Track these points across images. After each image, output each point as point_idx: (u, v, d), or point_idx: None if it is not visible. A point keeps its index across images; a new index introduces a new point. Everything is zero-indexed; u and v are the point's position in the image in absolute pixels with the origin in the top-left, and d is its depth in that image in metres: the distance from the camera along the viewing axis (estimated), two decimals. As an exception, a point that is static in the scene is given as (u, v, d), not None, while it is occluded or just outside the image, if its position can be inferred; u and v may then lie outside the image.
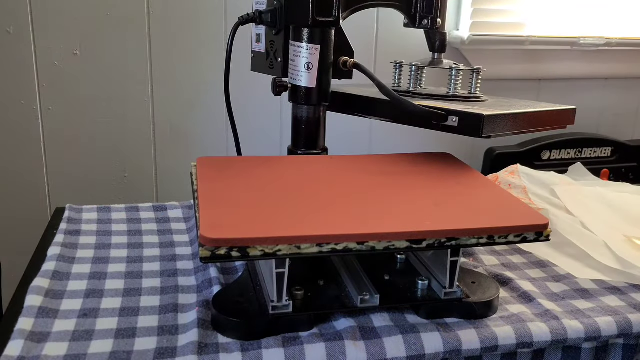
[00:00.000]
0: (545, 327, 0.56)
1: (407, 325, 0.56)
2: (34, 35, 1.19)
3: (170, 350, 0.51)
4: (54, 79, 1.22)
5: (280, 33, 0.82)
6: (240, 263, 0.67)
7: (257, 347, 0.52)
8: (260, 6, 0.83)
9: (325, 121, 0.83)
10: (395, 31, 1.37)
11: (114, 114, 1.27)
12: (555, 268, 0.71)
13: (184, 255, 0.70)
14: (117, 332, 0.54)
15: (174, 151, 1.30)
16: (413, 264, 0.65)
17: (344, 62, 0.84)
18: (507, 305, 0.61)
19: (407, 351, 0.53)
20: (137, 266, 0.66)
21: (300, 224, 0.51)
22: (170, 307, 0.58)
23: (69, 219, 0.78)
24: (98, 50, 1.23)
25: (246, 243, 0.48)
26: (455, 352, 0.54)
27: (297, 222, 0.51)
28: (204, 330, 0.54)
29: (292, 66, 0.80)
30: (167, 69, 1.28)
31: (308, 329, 0.55)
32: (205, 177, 0.63)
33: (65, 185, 1.28)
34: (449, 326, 0.56)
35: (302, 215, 0.53)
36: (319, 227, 0.50)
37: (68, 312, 0.56)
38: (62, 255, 0.67)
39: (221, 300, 0.56)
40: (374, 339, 0.53)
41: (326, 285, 0.59)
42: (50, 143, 1.25)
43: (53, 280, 0.61)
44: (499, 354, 0.56)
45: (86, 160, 1.27)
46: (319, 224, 0.51)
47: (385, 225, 0.52)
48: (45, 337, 0.52)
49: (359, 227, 0.51)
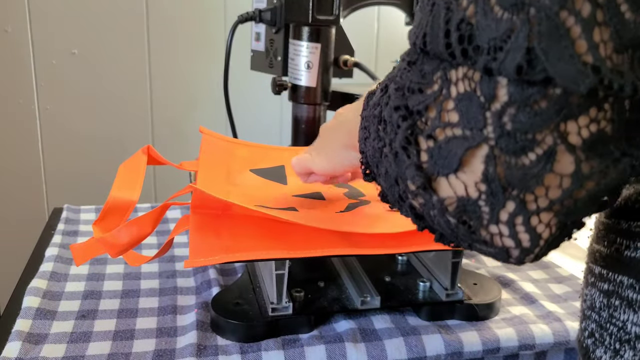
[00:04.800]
0: (547, 329, 0.56)
1: (408, 327, 0.55)
2: (32, 34, 1.18)
3: (169, 352, 0.51)
4: (52, 78, 1.22)
5: (280, 31, 0.82)
6: (240, 264, 0.67)
7: (257, 349, 0.51)
8: (259, 4, 0.82)
9: (325, 120, 0.82)
10: (396, 29, 1.36)
11: (112, 113, 1.27)
12: (557, 269, 0.71)
13: (183, 256, 0.70)
14: (115, 333, 0.53)
15: (172, 151, 1.29)
16: (414, 265, 0.64)
17: (345, 60, 0.83)
18: (509, 307, 0.60)
19: (408, 353, 0.52)
20: (135, 267, 0.66)
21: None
22: (169, 308, 0.58)
23: (67, 219, 0.78)
24: (96, 49, 1.22)
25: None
26: (457, 354, 0.53)
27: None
28: (202, 332, 0.53)
29: (292, 65, 0.80)
30: (165, 68, 1.27)
31: (308, 330, 0.54)
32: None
33: (63, 185, 1.27)
34: (450, 328, 0.56)
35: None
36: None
37: (66, 314, 0.56)
38: (59, 256, 0.66)
39: (220, 301, 0.56)
40: (375, 340, 0.53)
41: (326, 286, 0.59)
42: (48, 142, 1.25)
43: (51, 281, 0.61)
44: (501, 356, 0.56)
45: (84, 160, 1.27)
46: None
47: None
48: (43, 339, 0.52)
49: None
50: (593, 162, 0.25)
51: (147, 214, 0.55)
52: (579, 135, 0.25)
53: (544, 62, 0.23)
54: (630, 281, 0.32)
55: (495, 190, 0.26)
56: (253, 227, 0.54)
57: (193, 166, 0.67)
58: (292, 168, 0.56)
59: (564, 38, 0.23)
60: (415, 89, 0.29)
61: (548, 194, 0.26)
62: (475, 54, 0.25)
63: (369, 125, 0.34)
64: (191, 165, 0.68)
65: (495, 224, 0.27)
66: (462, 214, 0.28)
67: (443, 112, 0.27)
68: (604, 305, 0.34)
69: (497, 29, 0.24)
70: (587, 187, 0.26)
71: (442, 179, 0.28)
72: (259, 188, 0.62)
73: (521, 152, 0.25)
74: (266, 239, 0.51)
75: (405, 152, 0.29)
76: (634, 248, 0.33)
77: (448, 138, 0.27)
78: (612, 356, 0.33)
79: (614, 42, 0.23)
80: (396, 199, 0.32)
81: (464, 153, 0.26)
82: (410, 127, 0.29)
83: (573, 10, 0.23)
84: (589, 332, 0.36)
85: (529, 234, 0.27)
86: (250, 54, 0.91)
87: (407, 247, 0.52)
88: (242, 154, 0.69)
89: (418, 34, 0.29)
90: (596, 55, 0.23)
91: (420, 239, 0.52)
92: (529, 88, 0.24)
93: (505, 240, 0.27)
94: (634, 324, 0.32)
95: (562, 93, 0.24)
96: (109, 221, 0.58)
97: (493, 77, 0.25)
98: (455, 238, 0.30)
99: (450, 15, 0.26)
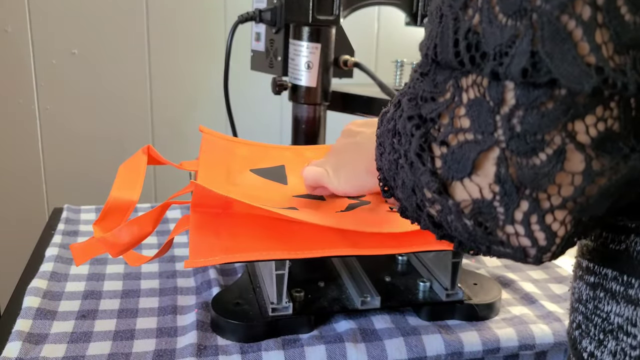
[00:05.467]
0: (547, 329, 0.56)
1: (409, 327, 0.55)
2: (32, 34, 1.18)
3: (169, 352, 0.51)
4: (52, 78, 1.22)
5: (280, 31, 0.82)
6: (240, 264, 0.67)
7: (257, 350, 0.51)
8: (259, 4, 0.82)
9: (325, 121, 0.82)
10: (397, 29, 1.37)
11: (112, 113, 1.27)
12: (557, 269, 0.71)
13: (183, 256, 0.70)
14: (115, 333, 0.53)
15: (172, 151, 1.29)
16: (414, 265, 0.64)
17: (345, 61, 0.83)
18: (509, 307, 0.60)
19: (408, 353, 0.52)
20: (135, 267, 0.66)
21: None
22: (169, 308, 0.58)
23: (67, 219, 0.78)
24: (96, 49, 1.22)
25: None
26: (457, 354, 0.53)
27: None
28: (203, 332, 0.53)
29: (292, 65, 0.80)
30: (165, 68, 1.27)
31: (308, 331, 0.54)
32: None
33: (63, 185, 1.27)
34: (450, 328, 0.56)
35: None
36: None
37: (66, 314, 0.56)
38: (59, 256, 0.66)
39: (220, 301, 0.56)
40: (375, 341, 0.53)
41: (326, 286, 0.59)
42: (48, 142, 1.25)
43: (51, 281, 0.61)
44: (501, 356, 0.56)
45: (84, 160, 1.27)
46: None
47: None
48: (43, 339, 0.52)
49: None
50: (603, 159, 0.26)
51: (147, 213, 0.55)
52: (587, 134, 0.25)
53: (548, 65, 0.24)
54: (614, 273, 0.33)
55: (508, 190, 0.27)
56: (253, 227, 0.54)
57: (193, 166, 0.67)
58: (293, 168, 0.56)
59: (566, 41, 0.24)
60: (428, 98, 0.30)
61: (561, 192, 0.26)
62: (483, 61, 0.26)
63: (384, 141, 0.35)
64: (191, 165, 0.68)
65: (511, 224, 0.28)
66: (478, 216, 0.28)
67: (455, 118, 0.28)
68: (590, 297, 0.35)
69: (502, 36, 0.25)
70: (599, 184, 0.26)
71: (456, 183, 0.29)
72: (259, 188, 0.62)
73: (532, 152, 0.26)
74: (266, 239, 0.51)
75: (420, 160, 0.30)
76: (618, 242, 0.33)
77: (460, 143, 0.28)
78: (596, 346, 0.34)
79: (614, 43, 0.23)
80: (414, 209, 0.33)
81: (476, 157, 0.27)
82: (424, 135, 0.30)
83: (574, 14, 0.23)
84: (577, 324, 0.37)
85: (545, 233, 0.27)
86: (250, 54, 0.91)
87: (407, 247, 0.52)
88: (242, 153, 0.69)
89: (429, 45, 0.29)
90: (599, 56, 0.23)
91: (420, 239, 0.52)
92: (535, 90, 0.25)
93: (522, 239, 0.28)
94: (617, 315, 0.33)
95: (567, 93, 0.25)
96: (110, 221, 0.58)
97: (500, 82, 0.26)
98: (474, 242, 0.30)
99: (458, 25, 0.27)
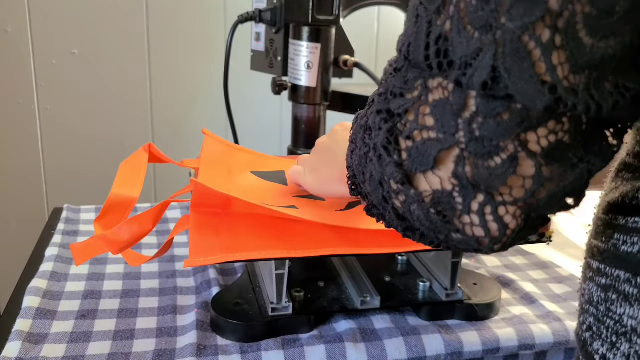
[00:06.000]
0: (547, 329, 0.56)
1: (408, 327, 0.55)
2: (32, 34, 1.18)
3: (169, 352, 0.51)
4: (52, 78, 1.22)
5: (280, 32, 0.82)
6: (240, 264, 0.67)
7: (257, 349, 0.51)
8: (259, 4, 0.82)
9: (325, 121, 0.82)
10: (396, 29, 1.36)
11: (112, 113, 1.27)
12: (557, 269, 0.71)
13: (183, 256, 0.70)
14: (115, 333, 0.53)
15: (172, 151, 1.29)
16: (414, 265, 0.64)
17: (345, 60, 0.83)
18: (509, 307, 0.60)
19: (408, 353, 0.52)
20: (135, 267, 0.66)
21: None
22: (169, 308, 0.58)
23: (67, 219, 0.78)
24: (96, 49, 1.22)
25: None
26: (457, 354, 0.53)
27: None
28: (203, 332, 0.53)
29: (292, 65, 0.80)
30: (165, 68, 1.27)
31: (308, 330, 0.54)
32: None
33: (63, 185, 1.27)
34: (450, 328, 0.56)
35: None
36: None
37: (66, 314, 0.56)
38: (59, 256, 0.66)
39: (220, 301, 0.56)
40: (375, 340, 0.53)
41: (326, 286, 0.59)
42: (48, 142, 1.25)
43: (51, 281, 0.61)
44: (501, 356, 0.56)
45: (84, 160, 1.27)
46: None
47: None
48: (43, 339, 0.52)
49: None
50: (552, 166, 0.28)
51: (148, 211, 0.55)
52: (538, 144, 0.28)
53: (506, 81, 0.26)
54: (627, 275, 0.33)
55: (465, 185, 0.29)
56: (253, 226, 0.54)
57: (194, 164, 0.67)
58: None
59: (525, 59, 0.25)
60: (397, 94, 0.32)
61: (512, 193, 0.29)
62: (449, 69, 0.28)
63: (356, 138, 0.36)
64: (192, 163, 0.68)
65: (467, 214, 0.30)
66: (438, 205, 0.30)
67: (420, 116, 0.30)
68: (601, 299, 0.35)
69: (468, 47, 0.27)
70: (547, 188, 0.29)
71: (419, 175, 0.31)
72: (260, 188, 0.62)
73: (488, 156, 0.28)
74: (266, 238, 0.51)
75: (387, 151, 0.32)
76: (630, 243, 0.34)
77: (424, 140, 0.30)
78: (609, 349, 0.34)
79: (570, 64, 0.25)
80: (380, 201, 0.34)
81: (437, 154, 0.29)
82: (391, 129, 0.31)
83: (534, 35, 0.25)
84: (587, 326, 0.36)
85: (497, 224, 0.29)
86: (250, 54, 0.91)
87: (407, 247, 0.52)
88: (243, 159, 0.70)
89: (404, 43, 0.31)
90: (554, 77, 0.25)
91: None
92: (494, 102, 0.27)
93: (476, 229, 0.30)
94: (631, 317, 0.33)
95: (523, 107, 0.27)
96: (110, 218, 0.58)
97: (464, 89, 0.28)
98: (434, 232, 0.32)
99: (430, 30, 0.29)
